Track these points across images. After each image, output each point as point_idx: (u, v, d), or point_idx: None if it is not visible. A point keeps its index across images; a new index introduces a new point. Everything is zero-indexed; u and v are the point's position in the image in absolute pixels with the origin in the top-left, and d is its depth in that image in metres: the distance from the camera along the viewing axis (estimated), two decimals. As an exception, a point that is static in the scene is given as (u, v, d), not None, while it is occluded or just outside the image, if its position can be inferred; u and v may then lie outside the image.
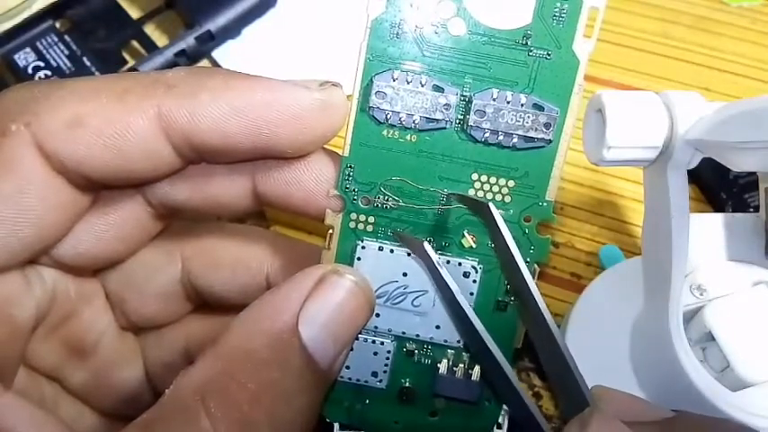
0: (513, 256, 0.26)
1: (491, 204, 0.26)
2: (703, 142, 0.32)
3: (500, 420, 0.29)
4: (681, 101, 0.33)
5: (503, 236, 0.26)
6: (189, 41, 0.53)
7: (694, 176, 0.49)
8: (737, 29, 0.61)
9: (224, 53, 0.56)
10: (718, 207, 0.49)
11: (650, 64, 0.58)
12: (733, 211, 0.47)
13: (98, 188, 0.28)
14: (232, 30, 0.55)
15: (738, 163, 0.32)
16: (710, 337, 0.36)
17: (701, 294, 0.38)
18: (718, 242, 0.40)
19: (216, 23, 0.54)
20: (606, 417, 0.23)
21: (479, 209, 0.27)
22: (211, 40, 0.54)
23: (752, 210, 0.48)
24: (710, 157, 0.33)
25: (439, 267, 0.26)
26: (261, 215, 0.49)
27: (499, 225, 0.26)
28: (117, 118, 0.25)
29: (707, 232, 0.40)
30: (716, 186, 0.49)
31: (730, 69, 0.58)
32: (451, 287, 0.26)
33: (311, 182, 0.28)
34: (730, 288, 0.38)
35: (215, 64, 0.55)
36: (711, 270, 0.39)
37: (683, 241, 0.35)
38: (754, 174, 0.43)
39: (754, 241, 0.40)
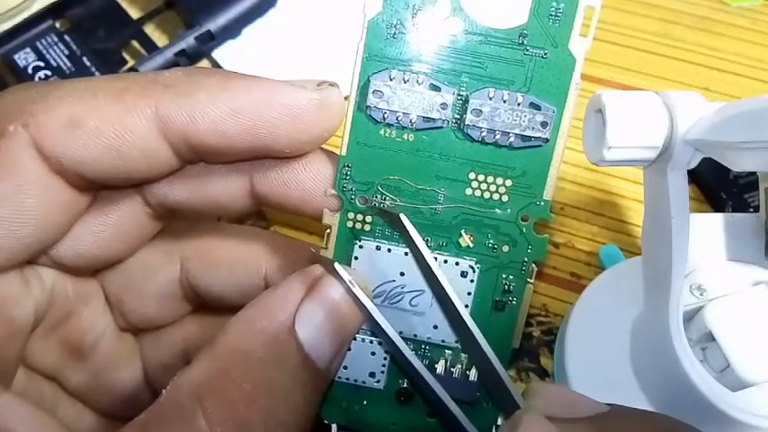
0: (429, 264, 0.26)
1: (402, 215, 0.26)
2: (703, 142, 0.32)
3: (499, 422, 0.29)
4: (681, 101, 0.33)
5: (417, 246, 0.26)
6: (189, 41, 0.53)
7: (694, 176, 0.49)
8: (737, 29, 0.61)
9: (224, 53, 0.55)
10: (718, 207, 0.49)
11: (650, 64, 0.58)
12: (733, 211, 0.47)
13: (96, 188, 0.28)
14: (232, 30, 0.55)
15: (738, 163, 0.32)
16: (710, 337, 0.36)
17: (701, 294, 0.38)
18: (718, 242, 0.40)
19: (216, 23, 0.54)
20: (535, 417, 0.23)
21: (393, 219, 0.27)
22: (211, 40, 0.54)
23: (752, 210, 0.48)
24: (710, 157, 0.33)
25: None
26: (261, 216, 0.49)
27: (412, 235, 0.26)
28: (114, 118, 0.25)
29: (707, 232, 0.40)
30: (716, 186, 0.49)
31: (730, 69, 0.58)
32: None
33: (309, 181, 0.28)
34: (730, 288, 0.38)
35: (215, 64, 0.55)
36: (711, 270, 0.39)
37: (683, 241, 0.35)
38: (754, 174, 0.43)
39: (754, 241, 0.40)
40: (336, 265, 0.26)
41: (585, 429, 0.23)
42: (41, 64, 0.51)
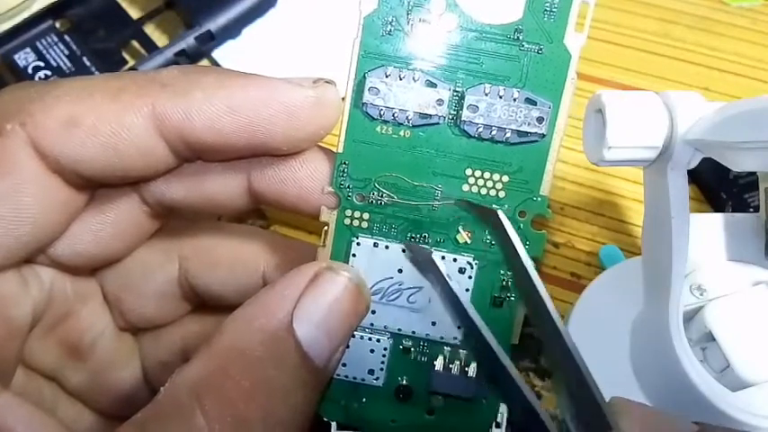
0: (524, 265, 0.25)
1: (500, 212, 0.26)
2: (703, 142, 0.32)
3: (498, 419, 0.29)
4: (681, 101, 0.33)
5: (513, 243, 0.26)
6: (189, 41, 0.53)
7: (694, 176, 0.49)
8: (737, 29, 0.61)
9: (224, 53, 0.55)
10: (718, 207, 0.49)
11: (650, 64, 0.58)
12: (733, 211, 0.47)
13: (94, 187, 0.28)
14: (232, 30, 0.55)
15: (738, 163, 0.32)
16: (710, 337, 0.36)
17: (701, 294, 0.38)
18: (718, 242, 0.40)
19: (216, 23, 0.54)
20: None
21: (487, 216, 0.27)
22: (211, 40, 0.54)
23: (752, 210, 0.47)
24: (710, 157, 0.33)
25: (448, 280, 0.26)
26: (261, 215, 0.49)
27: (509, 233, 0.26)
28: (111, 117, 0.25)
29: (707, 232, 0.40)
30: (716, 186, 0.49)
31: (730, 69, 0.58)
32: (461, 298, 0.26)
33: (306, 179, 0.28)
34: (730, 288, 0.38)
35: (215, 64, 0.55)
36: (711, 270, 0.39)
37: (683, 241, 0.35)
38: (754, 174, 0.43)
39: (754, 241, 0.39)
40: (435, 256, 0.26)
41: None
42: (41, 64, 0.51)
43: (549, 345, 0.26)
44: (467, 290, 0.28)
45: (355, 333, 0.28)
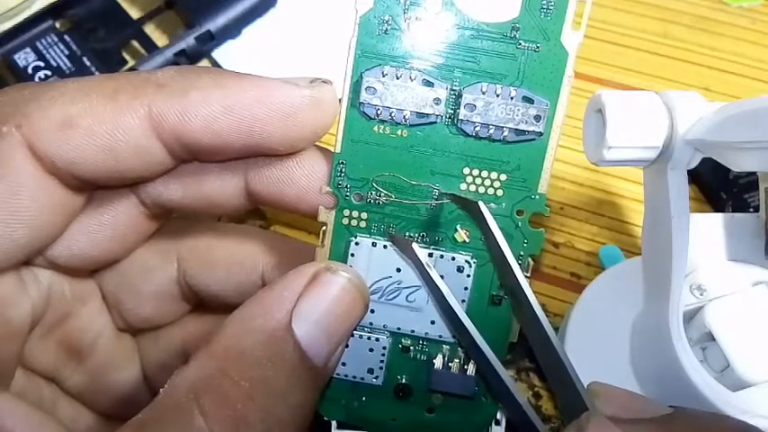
0: (504, 254, 0.26)
1: (481, 203, 0.26)
2: (703, 142, 0.32)
3: (498, 416, 0.29)
4: (681, 101, 0.33)
5: (493, 234, 0.26)
6: (189, 41, 0.53)
7: (694, 176, 0.49)
8: (737, 29, 0.61)
9: (224, 53, 0.56)
10: (718, 207, 0.49)
11: (650, 64, 0.59)
12: (733, 211, 0.46)
13: (91, 188, 0.28)
14: (232, 30, 0.55)
15: (738, 163, 0.32)
16: (710, 337, 0.36)
17: (701, 294, 0.38)
18: (718, 242, 0.40)
19: (216, 23, 0.54)
20: (603, 423, 0.23)
21: (470, 207, 0.27)
22: (211, 40, 0.54)
23: (752, 210, 0.48)
24: (710, 157, 0.33)
25: (428, 269, 0.26)
26: (261, 215, 0.49)
27: (489, 223, 0.26)
28: (107, 118, 0.25)
29: (707, 232, 0.40)
30: (716, 186, 0.49)
31: (730, 69, 0.58)
32: (441, 289, 0.26)
33: (303, 179, 0.28)
34: (730, 288, 0.38)
35: (215, 64, 0.55)
36: (711, 270, 0.39)
37: (683, 241, 0.35)
38: (754, 174, 0.43)
39: (754, 241, 0.39)
40: (414, 245, 0.26)
41: (651, 431, 0.23)
42: (41, 64, 0.51)
43: (532, 332, 0.26)
44: (465, 288, 0.28)
45: (354, 332, 0.28)
